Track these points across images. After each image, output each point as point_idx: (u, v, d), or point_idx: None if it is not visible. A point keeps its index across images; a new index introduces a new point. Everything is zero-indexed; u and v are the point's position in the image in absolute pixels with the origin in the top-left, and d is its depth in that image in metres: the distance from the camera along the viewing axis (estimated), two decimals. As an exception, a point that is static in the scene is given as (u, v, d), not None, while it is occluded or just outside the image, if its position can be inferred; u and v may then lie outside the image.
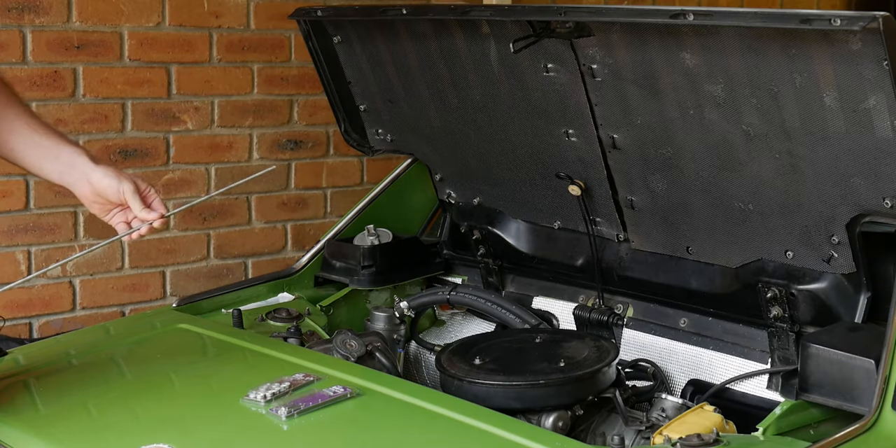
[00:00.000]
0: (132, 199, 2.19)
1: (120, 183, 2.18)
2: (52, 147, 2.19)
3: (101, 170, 2.19)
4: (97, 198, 2.21)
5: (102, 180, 2.18)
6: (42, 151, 2.19)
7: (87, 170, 2.19)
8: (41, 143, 2.19)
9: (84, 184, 2.20)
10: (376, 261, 3.09)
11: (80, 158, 2.19)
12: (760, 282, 2.53)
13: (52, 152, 2.19)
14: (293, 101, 4.47)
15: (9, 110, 2.17)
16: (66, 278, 4.02)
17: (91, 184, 2.19)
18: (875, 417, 2.14)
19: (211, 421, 2.24)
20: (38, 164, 2.22)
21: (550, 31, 2.52)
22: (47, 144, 2.19)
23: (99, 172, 2.19)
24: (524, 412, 2.39)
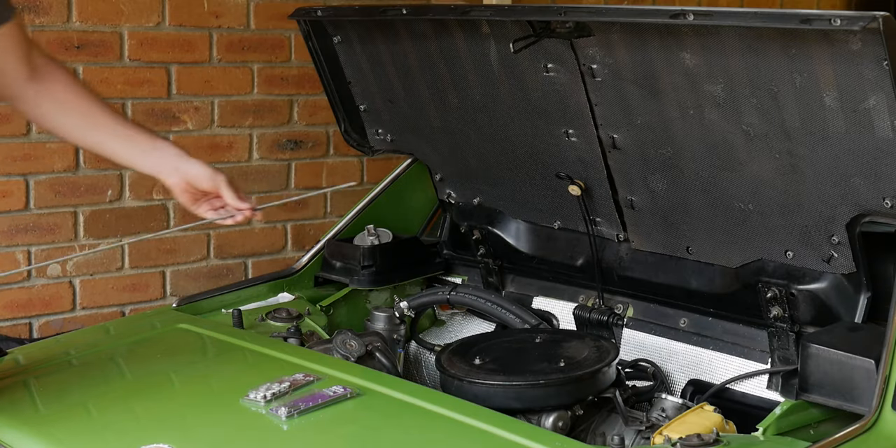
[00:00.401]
0: (226, 189, 2.36)
1: (215, 174, 2.36)
2: (143, 141, 2.35)
3: (194, 161, 2.37)
4: (189, 187, 2.36)
5: (197, 170, 2.35)
6: (134, 146, 2.35)
7: (180, 161, 2.36)
8: (133, 137, 2.35)
9: (176, 174, 2.36)
10: (376, 261, 3.09)
11: (173, 150, 2.37)
12: (760, 282, 2.53)
13: (145, 146, 2.35)
14: (293, 101, 4.47)
15: (97, 110, 2.34)
16: (66, 278, 4.02)
17: (183, 173, 2.35)
18: (875, 417, 2.14)
19: (211, 421, 2.24)
20: (130, 157, 2.38)
21: (550, 31, 2.52)
22: (139, 139, 2.35)
23: (192, 163, 2.36)
24: (524, 412, 2.39)
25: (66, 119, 2.34)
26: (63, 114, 2.33)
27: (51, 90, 2.30)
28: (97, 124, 2.34)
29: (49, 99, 2.31)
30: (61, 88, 2.31)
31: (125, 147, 2.36)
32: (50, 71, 2.31)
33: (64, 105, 2.31)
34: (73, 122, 2.34)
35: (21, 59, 2.28)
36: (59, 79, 2.32)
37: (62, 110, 2.32)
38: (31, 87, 2.30)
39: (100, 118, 2.34)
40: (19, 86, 2.29)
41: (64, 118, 2.34)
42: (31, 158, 3.88)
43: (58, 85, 2.31)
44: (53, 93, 2.30)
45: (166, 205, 4.20)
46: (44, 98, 2.31)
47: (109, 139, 2.35)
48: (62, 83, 2.31)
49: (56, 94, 2.30)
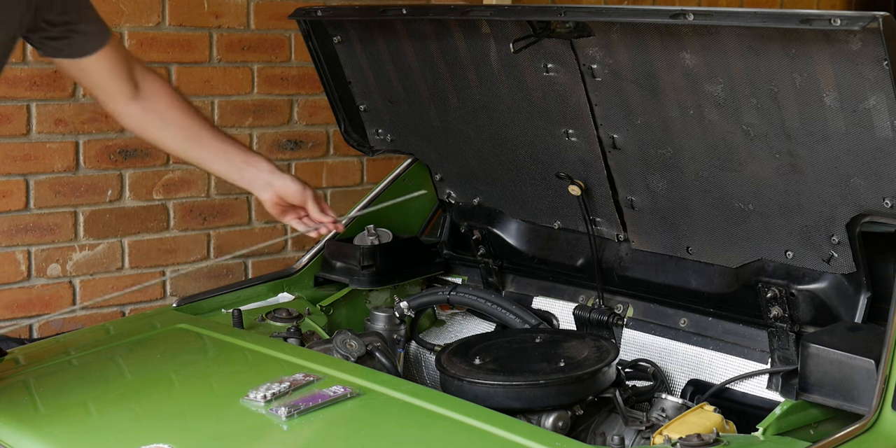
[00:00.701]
0: (312, 204, 2.55)
1: (304, 189, 2.54)
2: (238, 157, 2.52)
3: (287, 177, 2.54)
4: (279, 200, 2.54)
5: (289, 186, 2.53)
6: (230, 162, 2.52)
7: (272, 176, 2.53)
8: (228, 153, 2.51)
9: (269, 188, 2.53)
10: (376, 261, 3.09)
11: (265, 165, 2.53)
12: (760, 282, 2.53)
13: (239, 162, 2.52)
14: (293, 101, 4.47)
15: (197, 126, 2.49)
16: (66, 278, 4.02)
17: (275, 188, 2.52)
18: (875, 417, 2.14)
19: (211, 421, 2.24)
20: (226, 172, 2.55)
21: (550, 31, 2.52)
22: (234, 154, 2.52)
23: (283, 178, 2.54)
24: (524, 412, 2.39)
25: (169, 135, 2.48)
26: (166, 130, 2.47)
27: (155, 108, 2.44)
28: (197, 140, 2.49)
29: (154, 116, 2.45)
30: (164, 105, 2.45)
31: (221, 162, 2.52)
32: (152, 87, 2.44)
33: (167, 121, 2.45)
34: (175, 137, 2.49)
35: (124, 78, 2.40)
36: (162, 94, 2.45)
37: (165, 127, 2.46)
38: (136, 105, 2.43)
39: (199, 134, 2.48)
40: (125, 104, 2.43)
41: (166, 134, 2.48)
42: (31, 158, 3.88)
43: (161, 102, 2.44)
44: (158, 110, 2.44)
45: (166, 205, 4.20)
46: (149, 115, 2.44)
47: (207, 155, 2.51)
48: (165, 99, 2.45)
49: (160, 111, 2.44)
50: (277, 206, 2.56)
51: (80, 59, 2.34)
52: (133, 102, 2.43)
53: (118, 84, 2.40)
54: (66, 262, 4.01)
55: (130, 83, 2.41)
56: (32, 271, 3.95)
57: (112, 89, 2.41)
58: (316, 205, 2.56)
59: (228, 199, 4.36)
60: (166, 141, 2.52)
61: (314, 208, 2.56)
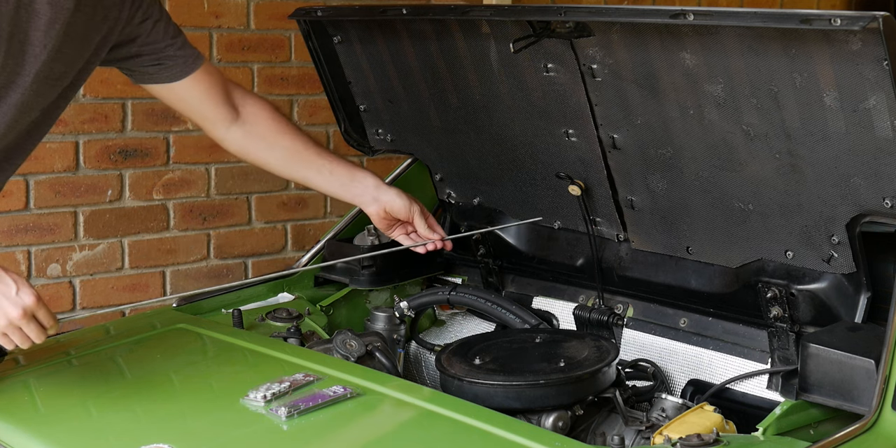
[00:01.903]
0: (419, 219, 2.62)
1: (411, 204, 2.61)
2: (343, 174, 2.58)
3: (393, 192, 2.61)
4: (386, 215, 2.61)
5: (395, 201, 2.60)
6: (335, 179, 2.58)
7: (378, 191, 2.60)
8: (334, 171, 2.57)
9: (375, 203, 2.60)
10: (376, 261, 3.09)
11: (371, 180, 2.60)
12: (760, 282, 2.53)
13: (345, 179, 2.58)
14: (293, 101, 4.47)
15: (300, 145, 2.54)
16: (66, 278, 4.02)
17: (382, 203, 2.59)
18: (875, 417, 2.14)
19: (211, 421, 2.24)
20: (332, 190, 2.62)
21: (550, 31, 2.52)
22: (339, 172, 2.57)
23: (391, 194, 2.60)
24: (524, 412, 2.39)
25: (273, 157, 2.53)
26: (270, 152, 2.51)
27: (257, 131, 2.48)
28: (301, 160, 2.53)
29: (256, 139, 2.49)
30: (265, 128, 2.48)
31: (327, 181, 2.57)
32: (252, 110, 2.46)
33: (270, 143, 2.49)
34: (278, 159, 2.53)
35: (221, 103, 2.42)
36: (263, 117, 2.47)
37: (268, 149, 2.50)
38: (237, 130, 2.48)
39: (303, 154, 2.53)
40: (226, 129, 2.47)
41: (270, 156, 2.52)
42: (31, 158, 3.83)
43: (262, 125, 2.47)
44: (260, 133, 2.48)
45: (166, 205, 4.21)
46: (251, 139, 2.49)
47: (312, 174, 2.56)
48: (266, 121, 2.48)
49: (263, 134, 2.48)
50: (384, 221, 2.62)
51: (172, 84, 2.35)
52: (234, 127, 2.46)
53: (215, 109, 2.42)
54: (66, 262, 4.01)
55: (229, 107, 2.42)
56: (32, 271, 3.95)
57: (210, 114, 2.43)
58: (423, 220, 2.62)
59: (228, 199, 4.36)
60: (270, 162, 2.54)
61: (421, 224, 2.63)
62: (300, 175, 2.59)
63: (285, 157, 2.53)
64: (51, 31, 2.09)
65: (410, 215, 2.61)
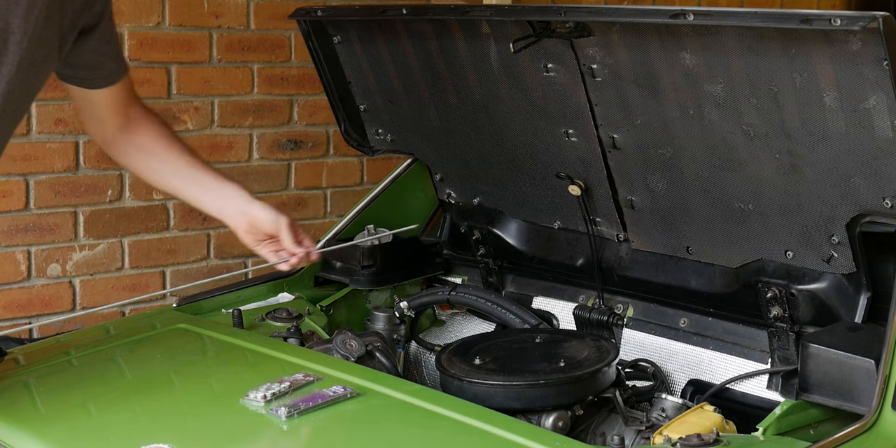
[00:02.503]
0: (285, 233, 2.47)
1: (278, 217, 2.47)
2: (212, 185, 2.48)
3: (259, 204, 2.48)
4: (252, 229, 2.48)
5: (260, 214, 2.47)
6: (204, 189, 2.49)
7: (245, 204, 2.48)
8: (203, 182, 2.49)
9: (241, 216, 2.47)
10: (376, 261, 3.09)
11: (239, 193, 2.48)
12: (760, 282, 2.53)
13: (213, 189, 2.48)
14: (293, 101, 4.47)
15: (172, 151, 2.48)
16: (66, 278, 4.02)
17: (248, 216, 2.47)
18: (875, 417, 2.14)
19: (211, 421, 2.24)
20: (199, 200, 2.52)
21: (550, 31, 2.52)
22: (208, 183, 2.48)
23: (257, 206, 2.48)
24: (524, 412, 2.39)
25: (148, 165, 2.48)
26: (146, 161, 2.47)
27: (137, 139, 2.45)
28: (174, 170, 2.48)
29: (134, 147, 2.46)
30: (147, 138, 2.45)
31: (195, 190, 2.50)
32: (142, 123, 2.45)
33: (147, 153, 2.46)
34: (153, 168, 2.48)
35: (119, 112, 2.43)
36: (149, 129, 2.46)
37: (145, 158, 2.47)
38: (119, 137, 2.45)
39: (177, 164, 2.47)
40: (112, 134, 2.45)
41: (146, 164, 2.48)
42: (31, 158, 3.88)
43: (145, 135, 2.45)
44: (139, 142, 2.45)
45: (166, 205, 4.20)
46: (129, 146, 2.46)
47: (183, 183, 2.49)
48: (150, 133, 2.46)
49: (141, 143, 2.45)
50: (249, 235, 2.49)
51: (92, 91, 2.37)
52: (119, 133, 2.45)
53: (112, 117, 2.43)
54: (66, 262, 4.01)
55: (123, 117, 2.43)
56: (32, 271, 3.95)
57: (106, 120, 2.43)
58: (290, 234, 2.47)
59: (228, 199, 4.35)
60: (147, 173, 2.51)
61: (287, 238, 2.48)
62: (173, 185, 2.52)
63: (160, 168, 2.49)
64: (30, 17, 2.08)
65: (277, 229, 2.47)
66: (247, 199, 2.48)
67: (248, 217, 2.47)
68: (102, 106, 2.41)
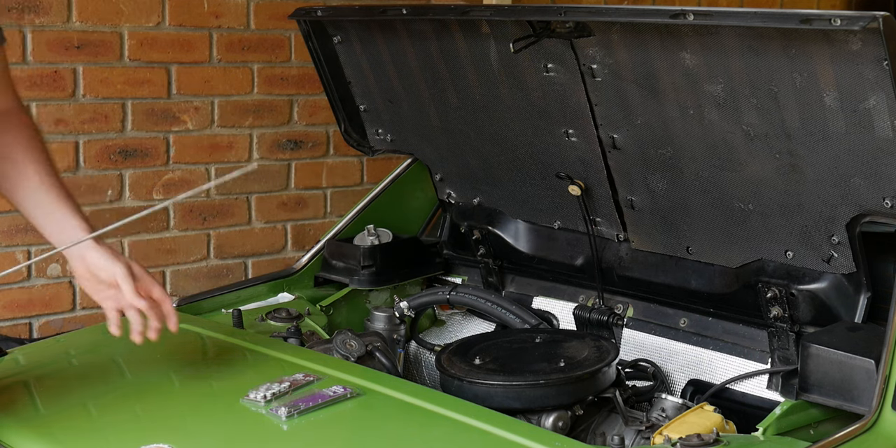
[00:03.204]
0: (123, 282, 2.17)
1: (114, 264, 2.17)
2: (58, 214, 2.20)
3: (99, 249, 2.18)
4: (90, 275, 2.20)
5: (98, 260, 2.18)
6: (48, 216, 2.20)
7: (84, 247, 2.18)
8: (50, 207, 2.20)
9: (79, 259, 2.19)
10: (376, 261, 3.09)
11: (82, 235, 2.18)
12: (760, 282, 2.53)
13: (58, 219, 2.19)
14: (293, 101, 4.47)
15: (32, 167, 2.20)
16: (66, 278, 4.02)
17: (85, 261, 2.19)
18: (875, 417, 2.14)
19: (211, 421, 2.24)
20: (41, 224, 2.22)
21: (550, 31, 2.52)
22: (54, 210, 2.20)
23: (95, 252, 2.18)
24: (524, 412, 2.39)
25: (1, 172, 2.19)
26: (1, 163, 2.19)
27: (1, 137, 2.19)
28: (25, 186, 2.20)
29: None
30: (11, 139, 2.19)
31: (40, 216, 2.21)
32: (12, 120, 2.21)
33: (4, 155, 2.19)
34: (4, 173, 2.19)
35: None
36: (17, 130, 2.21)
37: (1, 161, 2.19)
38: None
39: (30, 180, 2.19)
40: None
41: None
42: (31, 158, 3.88)
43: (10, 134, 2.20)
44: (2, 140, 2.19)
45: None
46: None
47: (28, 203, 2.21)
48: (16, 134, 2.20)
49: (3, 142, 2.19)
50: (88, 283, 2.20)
51: None
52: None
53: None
54: (66, 263, 4.01)
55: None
56: (32, 271, 3.95)
57: None
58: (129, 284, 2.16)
59: (228, 199, 4.36)
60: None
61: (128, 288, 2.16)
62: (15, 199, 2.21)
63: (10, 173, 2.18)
64: None
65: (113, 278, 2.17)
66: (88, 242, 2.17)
67: (86, 262, 2.19)
68: None
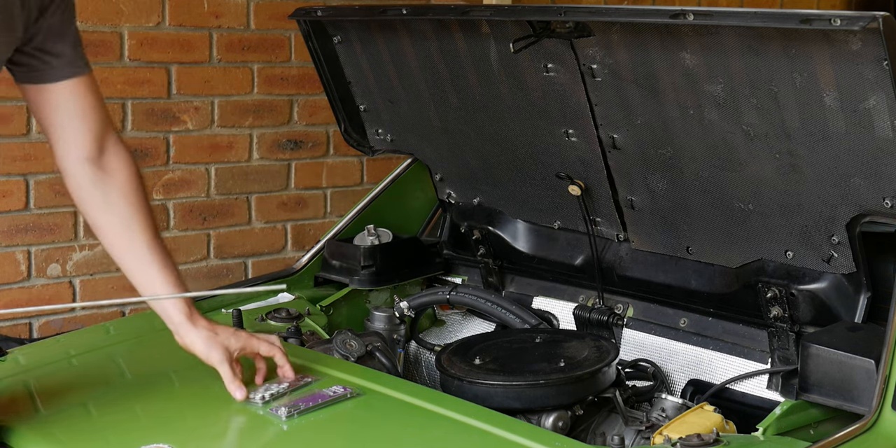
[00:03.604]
0: (221, 368, 2.18)
1: (209, 351, 2.18)
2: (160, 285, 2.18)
3: (195, 333, 2.18)
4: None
5: (194, 345, 2.20)
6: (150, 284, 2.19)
7: (183, 330, 2.19)
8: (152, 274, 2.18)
9: (178, 338, 2.22)
10: (376, 261, 3.09)
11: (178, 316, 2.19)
12: (760, 282, 2.53)
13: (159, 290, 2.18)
14: (293, 101, 4.47)
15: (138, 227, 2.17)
16: (66, 278, 4.02)
17: (185, 343, 2.20)
18: (875, 417, 2.14)
19: (211, 421, 2.24)
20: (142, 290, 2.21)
21: (550, 31, 2.52)
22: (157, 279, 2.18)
23: (192, 335, 2.19)
24: (524, 412, 2.39)
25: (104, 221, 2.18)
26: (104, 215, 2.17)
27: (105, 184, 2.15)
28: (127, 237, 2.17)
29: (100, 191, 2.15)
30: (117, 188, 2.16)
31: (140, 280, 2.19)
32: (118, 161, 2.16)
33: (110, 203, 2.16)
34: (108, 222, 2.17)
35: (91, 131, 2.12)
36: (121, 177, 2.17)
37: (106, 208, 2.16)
38: (88, 169, 2.15)
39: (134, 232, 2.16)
40: (79, 161, 2.15)
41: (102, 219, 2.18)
42: (31, 158, 3.88)
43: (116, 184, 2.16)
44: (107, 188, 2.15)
45: (166, 205, 4.21)
46: (96, 187, 2.15)
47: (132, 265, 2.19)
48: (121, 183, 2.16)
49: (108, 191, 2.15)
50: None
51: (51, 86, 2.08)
52: (87, 164, 2.14)
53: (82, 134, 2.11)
54: (66, 262, 4.01)
55: (95, 141, 2.12)
56: (32, 271, 3.95)
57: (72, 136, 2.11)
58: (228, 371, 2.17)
59: (229, 199, 4.36)
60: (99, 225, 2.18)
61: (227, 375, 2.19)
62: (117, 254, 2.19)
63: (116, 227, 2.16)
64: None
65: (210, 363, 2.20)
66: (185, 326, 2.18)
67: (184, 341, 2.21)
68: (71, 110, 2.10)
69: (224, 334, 2.21)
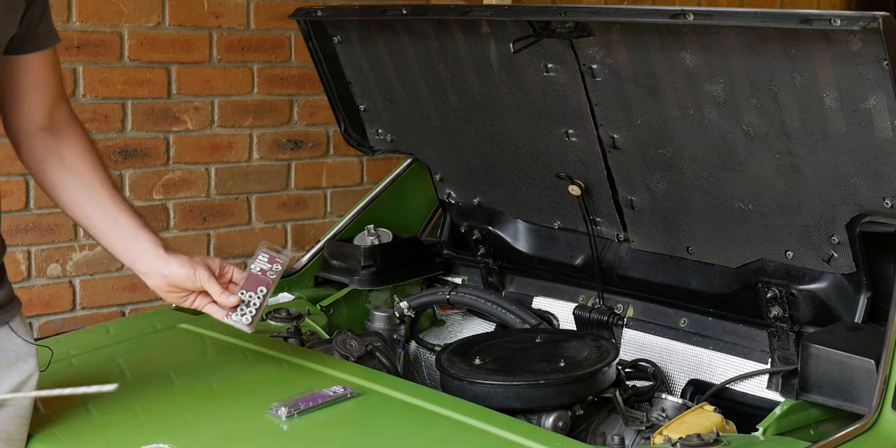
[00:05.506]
0: (209, 285, 2.21)
1: (194, 270, 2.20)
2: (128, 230, 2.20)
3: (175, 261, 2.20)
4: (172, 288, 2.22)
5: (177, 272, 2.20)
6: (118, 232, 2.20)
7: (161, 263, 2.20)
8: (119, 221, 2.20)
9: (158, 276, 2.21)
10: (376, 261, 3.09)
11: (155, 250, 2.20)
12: (760, 282, 2.53)
13: (128, 236, 2.20)
14: (293, 101, 4.47)
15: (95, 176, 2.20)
16: (66, 278, 4.02)
17: (166, 276, 2.20)
18: (875, 417, 2.14)
19: (211, 421, 2.24)
20: (110, 242, 2.23)
21: (550, 31, 2.52)
22: (125, 225, 2.20)
23: (173, 264, 2.20)
24: (524, 412, 2.39)
25: (66, 185, 2.19)
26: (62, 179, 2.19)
27: (61, 149, 2.18)
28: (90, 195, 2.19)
29: (55, 156, 2.18)
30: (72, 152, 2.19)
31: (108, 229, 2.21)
32: (68, 130, 2.20)
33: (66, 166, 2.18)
34: (70, 189, 2.20)
35: (43, 101, 2.15)
36: (74, 141, 2.20)
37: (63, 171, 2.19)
38: (40, 137, 2.18)
39: (96, 189, 2.19)
40: (30, 131, 2.18)
41: (62, 183, 2.19)
42: (31, 158, 3.88)
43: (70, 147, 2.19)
44: (62, 152, 2.18)
45: (166, 205, 4.21)
46: (50, 153, 2.18)
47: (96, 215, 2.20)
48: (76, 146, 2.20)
49: (64, 154, 2.18)
50: (172, 294, 2.23)
51: (26, 57, 2.09)
52: (39, 133, 2.17)
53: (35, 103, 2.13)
54: (66, 262, 4.01)
55: (48, 113, 2.16)
56: (32, 271, 3.95)
57: (28, 107, 2.14)
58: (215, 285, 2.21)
59: (229, 198, 4.36)
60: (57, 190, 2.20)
61: (215, 290, 2.22)
62: (82, 213, 2.20)
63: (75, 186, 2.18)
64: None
65: (198, 284, 2.20)
66: (162, 257, 2.19)
67: (165, 276, 2.20)
68: (34, 82, 2.11)
69: (199, 256, 2.25)
